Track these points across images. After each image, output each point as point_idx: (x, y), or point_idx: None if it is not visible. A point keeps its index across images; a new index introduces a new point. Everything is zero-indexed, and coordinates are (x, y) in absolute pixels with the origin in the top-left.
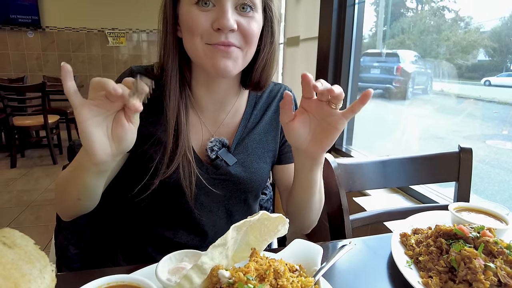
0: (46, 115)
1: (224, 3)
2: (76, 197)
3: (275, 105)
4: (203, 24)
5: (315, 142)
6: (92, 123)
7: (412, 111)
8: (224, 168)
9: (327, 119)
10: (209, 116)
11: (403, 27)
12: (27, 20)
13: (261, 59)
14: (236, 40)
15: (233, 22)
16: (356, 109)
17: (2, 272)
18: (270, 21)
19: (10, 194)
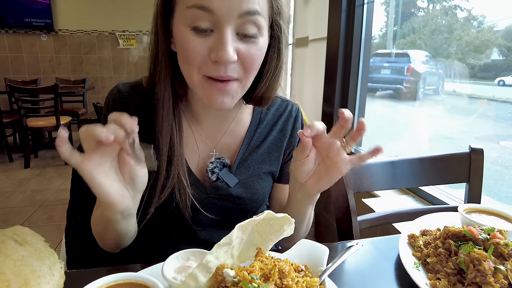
0: (58, 116)
1: (224, 31)
2: (115, 241)
3: (281, 124)
4: (199, 53)
5: (314, 179)
6: (99, 174)
7: (423, 111)
8: (225, 189)
9: (333, 159)
10: (208, 130)
11: (413, 27)
12: (40, 24)
13: (264, 83)
14: (236, 72)
15: (233, 53)
16: (364, 159)
17: (13, 268)
18: (278, 41)
19: (24, 194)
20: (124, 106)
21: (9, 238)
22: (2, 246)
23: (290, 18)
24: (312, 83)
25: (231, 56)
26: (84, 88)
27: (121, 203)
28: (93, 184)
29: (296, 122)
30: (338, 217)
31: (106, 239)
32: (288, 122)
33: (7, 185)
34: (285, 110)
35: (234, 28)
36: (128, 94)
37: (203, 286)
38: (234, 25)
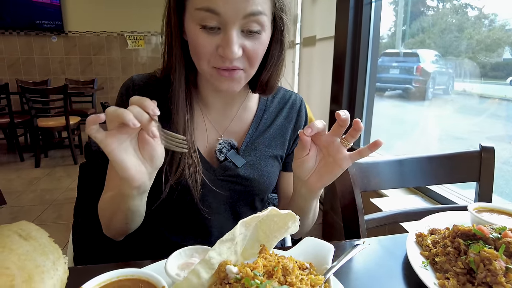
0: (68, 117)
1: (230, 31)
2: (124, 222)
3: (286, 111)
4: (208, 48)
5: (317, 176)
6: (120, 150)
7: (432, 111)
8: (233, 169)
9: (334, 155)
10: (216, 115)
11: (423, 26)
12: (51, 25)
13: (267, 71)
14: (241, 63)
15: (238, 50)
16: (364, 154)
17: (17, 263)
18: (280, 32)
19: (34, 193)
20: (138, 93)
21: (14, 233)
22: (7, 240)
23: (298, 18)
24: (319, 83)
25: (236, 53)
26: (93, 88)
27: (139, 179)
28: (113, 157)
29: (300, 110)
30: (344, 216)
31: (115, 221)
32: (293, 110)
33: (18, 184)
34: (289, 99)
35: (239, 27)
36: (142, 83)
37: (206, 282)
38: (239, 25)
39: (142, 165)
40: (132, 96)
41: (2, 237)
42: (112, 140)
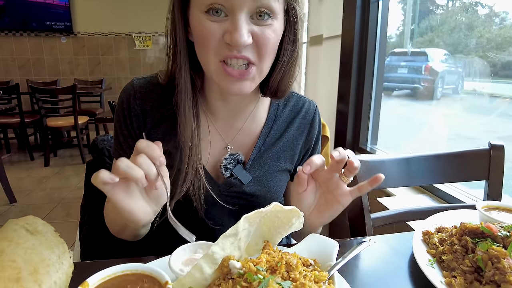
0: (77, 116)
1: (237, 14)
2: (132, 237)
3: (298, 122)
4: (214, 35)
5: (317, 212)
6: (127, 197)
7: (441, 111)
8: (238, 186)
9: (333, 192)
10: (223, 124)
11: (432, 25)
12: (60, 26)
13: (279, 70)
14: (250, 53)
15: (247, 36)
16: (363, 190)
17: (24, 256)
18: (293, 25)
19: (44, 191)
20: (139, 102)
21: (21, 227)
22: (14, 235)
23: (305, 17)
24: (326, 82)
25: (245, 39)
26: (101, 88)
27: (144, 219)
28: (122, 206)
29: (313, 121)
30: (350, 214)
31: (123, 235)
32: (305, 120)
33: (28, 182)
34: (302, 107)
35: (248, 11)
36: (144, 90)
37: (209, 277)
38: (248, 9)
39: (148, 206)
40: (133, 105)
41: (9, 231)
42: (119, 190)
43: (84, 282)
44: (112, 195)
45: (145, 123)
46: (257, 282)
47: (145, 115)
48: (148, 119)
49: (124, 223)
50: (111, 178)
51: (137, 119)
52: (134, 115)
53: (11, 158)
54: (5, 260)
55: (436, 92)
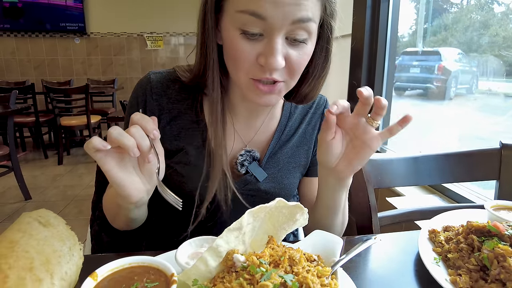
0: (89, 115)
1: (275, 38)
2: (125, 224)
3: (310, 117)
4: (248, 57)
5: (345, 161)
6: (118, 169)
7: (454, 111)
8: (254, 183)
9: (362, 137)
10: (242, 124)
11: (445, 24)
12: (74, 27)
13: (309, 83)
14: (281, 75)
15: (281, 60)
16: (394, 131)
17: (36, 247)
18: (327, 41)
19: (57, 189)
20: (156, 97)
21: (34, 219)
22: (28, 227)
23: None
24: (337, 81)
25: (279, 63)
26: (113, 88)
27: (135, 196)
28: (111, 177)
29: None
30: (357, 213)
31: (117, 220)
32: (316, 114)
33: (42, 180)
34: (313, 102)
35: (284, 34)
36: (161, 85)
37: (213, 270)
38: (285, 31)
39: (141, 182)
40: (149, 100)
41: (23, 223)
42: (110, 159)
43: (93, 272)
44: (104, 163)
45: (160, 119)
46: (259, 274)
47: (161, 111)
48: (164, 115)
49: (117, 203)
50: (102, 144)
51: (151, 114)
52: (149, 110)
53: (26, 156)
54: (19, 251)
55: (449, 92)
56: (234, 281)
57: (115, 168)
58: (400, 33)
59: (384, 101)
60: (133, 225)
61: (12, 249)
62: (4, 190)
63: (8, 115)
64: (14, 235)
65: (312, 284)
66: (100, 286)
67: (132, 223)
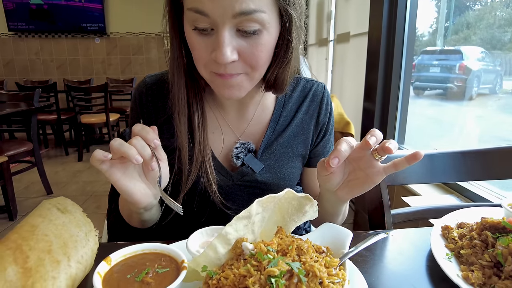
0: (108, 114)
1: (220, 32)
2: (140, 225)
3: (306, 105)
4: (203, 52)
5: (346, 189)
6: (125, 178)
7: (476, 111)
8: (250, 174)
9: (366, 170)
10: (233, 117)
11: (468, 22)
12: (94, 28)
13: (271, 72)
14: (239, 68)
15: (231, 53)
16: (399, 167)
17: (55, 232)
18: (287, 30)
19: (77, 184)
20: (151, 99)
21: (53, 206)
22: (48, 213)
23: (332, 14)
24: (353, 80)
25: (228, 57)
26: (132, 87)
27: (144, 201)
28: (119, 186)
29: (322, 102)
30: (370, 209)
31: (131, 221)
32: (314, 102)
33: (63, 176)
34: (310, 90)
35: (233, 26)
36: (156, 87)
37: (222, 257)
38: (232, 24)
39: (147, 188)
40: (145, 102)
41: (43, 210)
42: (116, 170)
43: (107, 257)
44: (110, 174)
45: (156, 119)
46: (266, 261)
47: (157, 111)
48: (161, 115)
49: (129, 208)
50: (104, 155)
51: (149, 115)
52: (147, 111)
53: (48, 153)
54: (39, 234)
55: (470, 92)
56: (242, 268)
57: (121, 178)
58: (420, 32)
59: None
60: (147, 225)
61: (33, 232)
62: (28, 184)
63: (32, 112)
64: (35, 220)
65: (318, 272)
66: (114, 270)
67: (145, 223)
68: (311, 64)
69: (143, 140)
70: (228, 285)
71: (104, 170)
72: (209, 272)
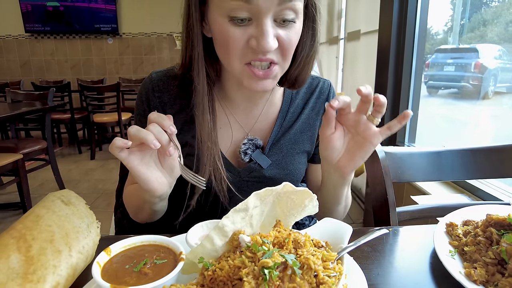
0: (120, 113)
1: (263, 19)
2: (149, 217)
3: (313, 102)
4: (238, 42)
5: (347, 156)
6: (142, 165)
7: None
8: (258, 170)
9: (363, 133)
10: (241, 112)
11: (485, 19)
12: (107, 28)
13: (298, 64)
14: (275, 56)
15: (273, 41)
16: (393, 128)
17: (58, 222)
18: (312, 20)
19: (89, 182)
20: (157, 94)
21: (57, 198)
22: (52, 204)
23: (342, 12)
24: (364, 78)
25: (271, 45)
26: None
27: (160, 189)
28: (136, 173)
29: (328, 99)
30: (375, 207)
31: (139, 215)
32: (320, 99)
33: (76, 173)
34: (316, 87)
35: (272, 15)
36: (162, 83)
37: (219, 249)
38: (273, 13)
39: (163, 176)
40: (151, 97)
41: (48, 201)
42: (134, 157)
43: (107, 248)
44: (128, 161)
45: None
46: (261, 253)
47: (164, 107)
48: (167, 110)
49: (142, 198)
50: (124, 142)
51: (155, 110)
52: (153, 107)
53: (62, 151)
54: (42, 224)
55: (486, 90)
56: (237, 259)
57: (139, 165)
58: (434, 30)
59: (383, 98)
60: (155, 217)
61: (37, 222)
62: (42, 182)
63: (46, 111)
64: (39, 210)
65: (313, 265)
66: (113, 260)
67: (154, 215)
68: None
69: (159, 126)
70: (223, 276)
71: (122, 157)
72: (205, 264)
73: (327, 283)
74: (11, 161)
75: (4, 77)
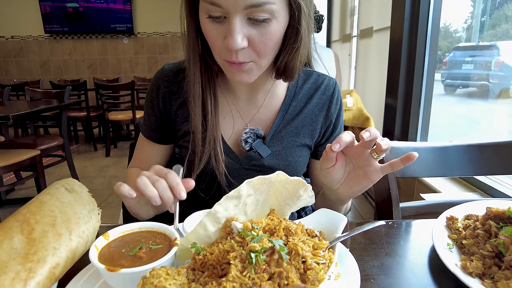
0: (134, 111)
1: (232, 18)
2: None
3: (317, 98)
4: (216, 39)
5: (346, 187)
6: (138, 206)
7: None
8: (258, 159)
9: (364, 168)
10: (243, 103)
11: (507, 15)
12: (123, 28)
13: (281, 60)
14: (247, 56)
15: (241, 41)
16: (395, 167)
17: (60, 208)
18: (296, 19)
19: (104, 178)
20: (167, 84)
21: (61, 186)
22: (56, 191)
23: (355, 10)
24: (376, 75)
25: (238, 44)
26: None
27: (146, 218)
28: (131, 210)
29: (333, 96)
30: (378, 201)
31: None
32: (324, 96)
33: (91, 170)
34: (321, 84)
35: (244, 15)
36: (172, 74)
37: (212, 235)
38: (244, 14)
39: (152, 211)
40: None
41: (52, 189)
42: (133, 201)
43: (105, 233)
44: (127, 201)
45: (171, 104)
46: (250, 238)
47: (171, 96)
48: (174, 100)
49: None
50: (129, 193)
51: (163, 99)
52: (162, 95)
53: (78, 148)
54: (46, 210)
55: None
56: (227, 243)
57: (134, 206)
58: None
59: (385, 145)
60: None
61: (40, 208)
62: (58, 178)
63: (62, 108)
64: (44, 197)
65: (301, 251)
66: (111, 244)
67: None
68: None
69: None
70: (212, 260)
71: (123, 198)
72: (197, 248)
73: (314, 269)
74: (29, 157)
75: (24, 77)
